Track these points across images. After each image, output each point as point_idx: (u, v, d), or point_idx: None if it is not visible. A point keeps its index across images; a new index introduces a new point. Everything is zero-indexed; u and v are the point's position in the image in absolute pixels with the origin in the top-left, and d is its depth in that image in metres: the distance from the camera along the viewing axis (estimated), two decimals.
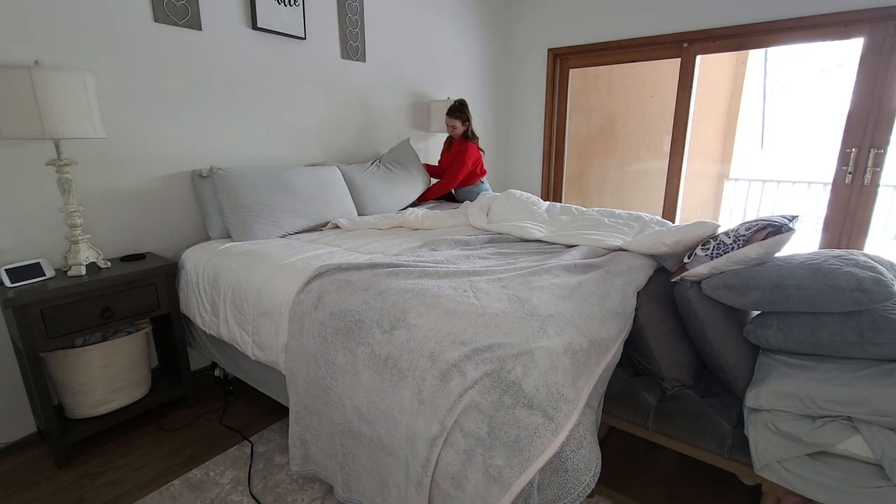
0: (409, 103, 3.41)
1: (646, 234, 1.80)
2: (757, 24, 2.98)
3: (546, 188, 4.27)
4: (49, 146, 1.79)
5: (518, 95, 4.23)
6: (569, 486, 1.06)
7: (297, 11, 2.55)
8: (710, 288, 1.32)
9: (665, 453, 1.71)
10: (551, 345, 1.18)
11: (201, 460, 1.78)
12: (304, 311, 1.52)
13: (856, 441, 1.08)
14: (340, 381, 1.38)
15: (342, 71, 2.89)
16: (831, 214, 2.96)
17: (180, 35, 2.14)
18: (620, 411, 1.42)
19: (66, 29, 1.81)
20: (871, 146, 2.78)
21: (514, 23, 4.09)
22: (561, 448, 1.06)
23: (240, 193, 2.15)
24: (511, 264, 1.71)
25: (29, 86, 1.53)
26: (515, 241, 2.10)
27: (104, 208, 2.00)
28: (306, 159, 2.77)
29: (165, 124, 2.14)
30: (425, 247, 1.92)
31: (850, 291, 1.12)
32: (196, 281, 1.97)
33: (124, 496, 1.61)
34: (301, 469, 1.55)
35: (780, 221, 1.32)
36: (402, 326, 1.31)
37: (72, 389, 1.79)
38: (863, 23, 2.71)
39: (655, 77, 4.36)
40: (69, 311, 1.68)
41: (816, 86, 5.71)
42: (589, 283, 1.50)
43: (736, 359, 1.33)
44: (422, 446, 1.17)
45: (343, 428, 1.39)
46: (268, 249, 1.95)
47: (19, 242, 1.79)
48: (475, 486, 1.10)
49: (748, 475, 1.25)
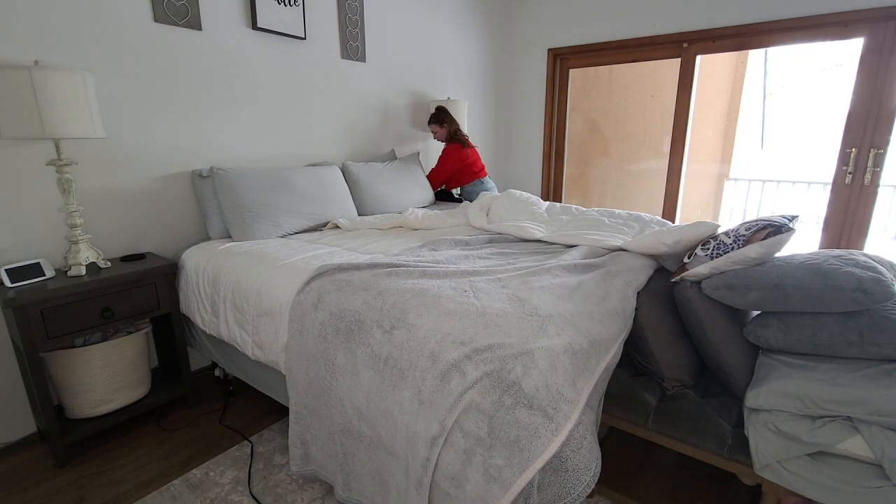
0: (409, 103, 3.41)
1: (646, 234, 1.80)
2: (757, 24, 2.98)
3: (546, 188, 4.27)
4: (49, 146, 1.79)
5: (518, 95, 4.23)
6: (569, 486, 1.06)
7: (297, 11, 2.55)
8: (710, 288, 1.33)
9: (665, 453, 1.71)
10: (551, 345, 1.18)
11: (201, 460, 1.78)
12: (304, 311, 1.52)
13: (856, 441, 1.08)
14: (340, 381, 1.38)
15: (342, 71, 2.89)
16: (831, 214, 2.96)
17: (180, 35, 2.14)
18: (620, 411, 1.42)
19: (66, 29, 1.81)
20: (871, 146, 2.78)
21: (514, 23, 4.09)
22: (561, 448, 1.06)
23: (240, 193, 2.15)
24: (511, 264, 1.71)
25: (29, 86, 1.53)
26: (515, 240, 2.10)
27: (104, 208, 2.00)
28: (306, 159, 2.77)
29: (165, 124, 2.14)
30: (425, 247, 1.92)
31: (850, 291, 1.12)
32: (196, 281, 1.97)
33: (124, 496, 1.61)
34: (301, 469, 1.55)
35: (780, 221, 1.32)
36: (402, 326, 1.31)
37: (72, 389, 1.79)
38: (863, 23, 2.71)
39: (655, 77, 4.36)
40: (69, 311, 1.68)
41: (816, 86, 5.71)
42: (589, 283, 1.50)
43: (736, 359, 1.33)
44: (422, 446, 1.17)
45: (343, 428, 1.39)
46: (268, 249, 1.95)
47: (19, 242, 1.79)
48: (475, 486, 1.10)
49: (748, 475, 1.25)
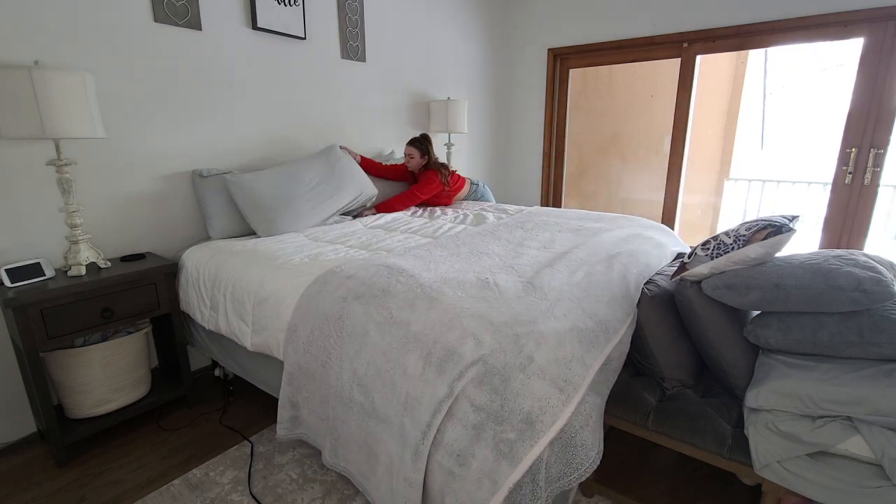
0: (409, 103, 3.41)
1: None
2: (757, 24, 2.98)
3: (546, 188, 4.27)
4: (49, 146, 1.79)
5: (518, 95, 4.23)
6: (576, 463, 1.10)
7: (297, 11, 2.55)
8: (710, 288, 1.32)
9: (665, 453, 1.71)
10: (561, 324, 1.28)
11: (201, 460, 1.78)
12: (332, 277, 1.58)
13: (856, 441, 1.08)
14: (347, 342, 1.40)
15: (342, 71, 2.89)
16: (831, 214, 2.96)
17: (180, 35, 2.14)
18: (620, 411, 1.42)
19: (66, 29, 1.81)
20: (871, 146, 2.78)
21: (514, 23, 4.09)
22: (569, 421, 1.12)
23: (258, 194, 2.20)
24: (524, 255, 1.83)
25: (29, 86, 1.53)
26: (533, 228, 2.25)
27: (104, 208, 2.00)
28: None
29: (165, 124, 2.14)
30: (440, 245, 1.95)
31: (850, 291, 1.12)
32: (196, 277, 1.97)
33: (124, 496, 1.61)
34: (288, 433, 1.57)
35: (781, 221, 1.32)
36: (425, 299, 1.39)
37: (72, 389, 1.79)
38: (863, 23, 2.71)
39: (655, 77, 4.36)
40: (69, 311, 1.68)
41: (816, 86, 5.71)
42: (597, 271, 1.62)
43: (736, 359, 1.33)
44: (424, 411, 1.18)
45: (336, 392, 1.40)
46: (293, 245, 2.02)
47: (19, 242, 1.79)
48: (482, 463, 1.11)
49: (748, 475, 1.25)
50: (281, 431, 1.56)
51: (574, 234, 2.11)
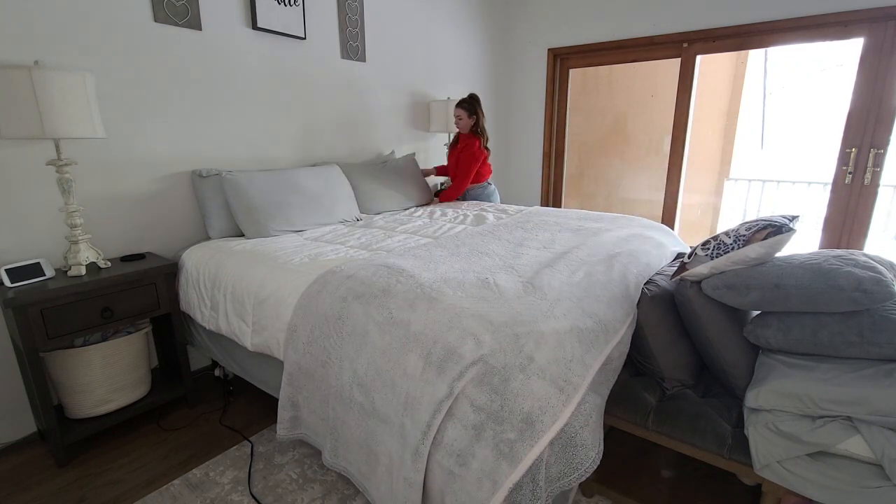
0: (409, 103, 3.41)
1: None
2: (757, 24, 2.98)
3: (546, 188, 4.27)
4: (49, 146, 1.79)
5: (518, 95, 4.23)
6: (576, 462, 1.10)
7: (297, 11, 2.55)
8: (710, 288, 1.32)
9: (665, 453, 1.71)
10: (561, 324, 1.28)
11: (201, 460, 1.78)
12: (332, 277, 1.58)
13: (856, 441, 1.08)
14: (347, 342, 1.40)
15: (342, 71, 2.89)
16: (831, 214, 2.96)
17: (180, 35, 2.14)
18: (620, 411, 1.42)
19: (66, 29, 1.81)
20: (871, 146, 2.78)
21: (514, 23, 4.09)
22: (569, 421, 1.12)
23: (251, 196, 2.19)
24: (524, 255, 1.82)
25: (29, 86, 1.53)
26: (533, 228, 2.25)
27: (104, 208, 2.00)
28: (306, 159, 2.77)
29: (165, 124, 2.14)
30: (440, 245, 1.95)
31: (850, 291, 1.12)
32: (196, 277, 1.97)
33: (124, 496, 1.61)
34: (289, 433, 1.57)
35: (781, 221, 1.32)
36: (425, 299, 1.38)
37: (72, 389, 1.79)
38: (863, 23, 2.71)
39: (655, 77, 4.35)
40: (69, 311, 1.68)
41: (816, 86, 5.71)
42: (597, 271, 1.62)
43: (736, 359, 1.33)
44: (424, 411, 1.18)
45: (336, 392, 1.40)
46: (287, 245, 2.02)
47: (19, 242, 1.79)
48: (482, 464, 1.11)
49: (748, 475, 1.25)
50: (281, 431, 1.56)
51: (574, 234, 2.11)
